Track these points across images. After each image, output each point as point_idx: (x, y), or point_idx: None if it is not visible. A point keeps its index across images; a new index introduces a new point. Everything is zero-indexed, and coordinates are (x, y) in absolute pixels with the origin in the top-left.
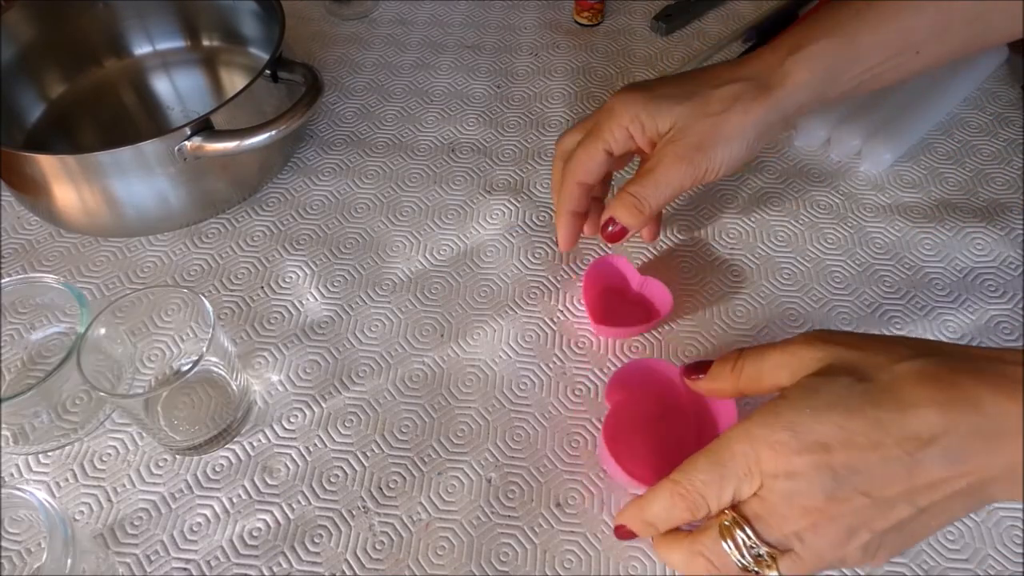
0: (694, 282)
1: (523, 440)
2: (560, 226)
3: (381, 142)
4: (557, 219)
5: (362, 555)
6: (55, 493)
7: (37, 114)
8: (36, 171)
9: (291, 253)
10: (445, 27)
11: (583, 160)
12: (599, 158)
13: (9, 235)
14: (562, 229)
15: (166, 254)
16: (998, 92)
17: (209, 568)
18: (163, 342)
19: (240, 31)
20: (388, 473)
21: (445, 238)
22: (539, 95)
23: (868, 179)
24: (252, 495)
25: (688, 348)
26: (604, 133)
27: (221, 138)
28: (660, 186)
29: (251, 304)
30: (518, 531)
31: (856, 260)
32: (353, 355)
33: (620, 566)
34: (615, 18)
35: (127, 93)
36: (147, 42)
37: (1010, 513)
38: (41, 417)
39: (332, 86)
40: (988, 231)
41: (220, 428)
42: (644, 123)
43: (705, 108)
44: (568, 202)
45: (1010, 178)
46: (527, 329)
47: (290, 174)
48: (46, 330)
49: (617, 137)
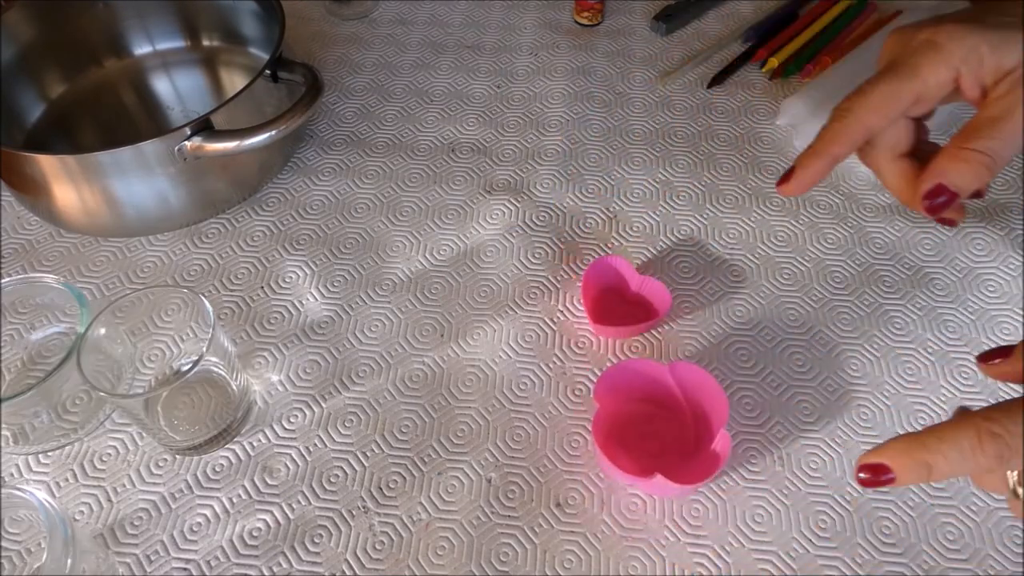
0: (694, 282)
1: (523, 440)
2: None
3: (381, 142)
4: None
5: (362, 555)
6: (55, 493)
7: (37, 114)
8: (36, 171)
9: (291, 253)
10: (445, 27)
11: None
12: (906, 100)
13: (9, 235)
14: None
15: (166, 254)
16: None
17: (209, 568)
18: (163, 342)
19: (240, 31)
20: (388, 473)
21: (445, 238)
22: (539, 95)
23: (868, 179)
24: (252, 495)
25: (687, 348)
26: (922, 69)
27: (221, 138)
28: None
29: (251, 304)
30: (518, 531)
31: (856, 260)
32: (353, 355)
33: (620, 566)
34: (615, 18)
35: (127, 93)
36: (147, 42)
37: (1010, 513)
38: (41, 417)
39: (332, 86)
40: (988, 231)
41: (220, 428)
42: (984, 58)
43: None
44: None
45: (1010, 178)
46: (527, 329)
47: (290, 174)
48: (46, 330)
49: (942, 78)
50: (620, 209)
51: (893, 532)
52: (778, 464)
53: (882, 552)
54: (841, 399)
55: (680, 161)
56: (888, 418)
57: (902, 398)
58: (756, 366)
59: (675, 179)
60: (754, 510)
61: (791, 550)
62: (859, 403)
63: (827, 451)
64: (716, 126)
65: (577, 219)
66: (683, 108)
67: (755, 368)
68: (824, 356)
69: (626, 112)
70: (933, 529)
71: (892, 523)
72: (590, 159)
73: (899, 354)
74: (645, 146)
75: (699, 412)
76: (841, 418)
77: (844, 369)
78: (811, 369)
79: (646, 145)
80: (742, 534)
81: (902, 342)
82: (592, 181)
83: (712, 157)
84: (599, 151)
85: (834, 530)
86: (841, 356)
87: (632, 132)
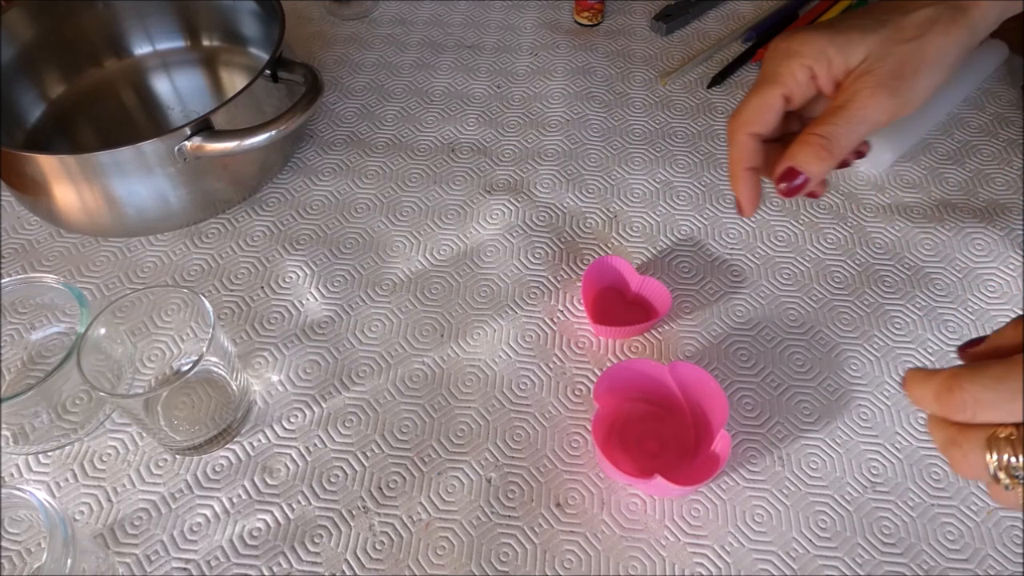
0: (694, 282)
1: (523, 440)
2: (737, 188)
3: (381, 142)
4: (732, 180)
5: (362, 555)
6: (55, 493)
7: (37, 114)
8: (36, 171)
9: (291, 253)
10: (445, 27)
11: (756, 106)
12: (776, 105)
13: (9, 235)
14: (740, 191)
15: (166, 254)
16: (998, 92)
17: (209, 568)
18: (163, 342)
19: (240, 31)
20: (388, 473)
21: (445, 238)
22: (539, 95)
23: (868, 179)
24: (252, 495)
25: (687, 348)
26: (783, 76)
27: (221, 138)
28: (854, 121)
29: (251, 304)
30: (518, 531)
31: (856, 260)
32: (353, 355)
33: (620, 566)
34: (615, 18)
35: (127, 93)
36: (147, 42)
37: (1010, 513)
38: (41, 417)
39: (332, 86)
40: (988, 231)
41: (220, 428)
42: (832, 58)
43: (900, 34)
44: (743, 157)
45: (1010, 178)
46: (527, 329)
47: (290, 174)
48: (46, 330)
49: (800, 79)
50: (620, 209)
51: (893, 532)
52: (778, 464)
53: (882, 552)
54: (841, 399)
55: (680, 161)
56: (888, 418)
57: (902, 398)
58: (756, 366)
59: (675, 179)
60: (754, 510)
61: (791, 550)
62: (859, 403)
63: (827, 451)
64: (716, 126)
65: (577, 219)
66: (683, 108)
67: (755, 368)
68: (824, 356)
69: (626, 112)
70: (933, 529)
71: (892, 523)
72: (590, 159)
73: (899, 354)
74: (645, 146)
75: (699, 412)
76: (841, 418)
77: (844, 369)
78: (811, 369)
79: (646, 145)
80: (742, 534)
81: (902, 342)
82: (592, 181)
83: (712, 157)
84: (599, 151)
85: (834, 530)
86: (841, 356)
87: (632, 132)
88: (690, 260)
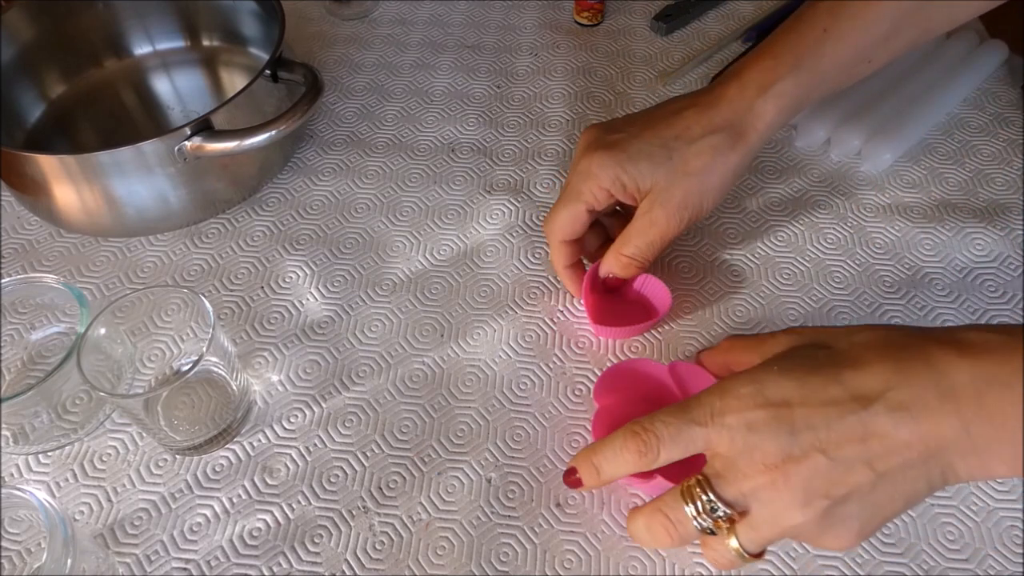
0: (694, 282)
1: (523, 440)
2: (564, 280)
3: (381, 142)
4: (562, 277)
5: (362, 555)
6: (55, 493)
7: (37, 114)
8: (36, 171)
9: (291, 253)
10: (445, 27)
11: (567, 222)
12: (583, 218)
13: (9, 235)
14: (566, 283)
15: (166, 254)
16: (998, 92)
17: (209, 568)
18: (163, 342)
19: (240, 31)
20: (388, 473)
21: (445, 238)
22: (539, 95)
23: (868, 179)
24: (252, 495)
25: (688, 348)
26: (584, 193)
27: (221, 138)
28: (653, 243)
29: (251, 304)
30: (518, 531)
31: (856, 260)
32: (353, 355)
33: (620, 566)
34: (615, 18)
35: (127, 93)
36: (147, 42)
37: (1010, 513)
38: (41, 417)
39: (332, 86)
40: (988, 231)
41: (220, 428)
42: (625, 183)
43: (685, 167)
44: (560, 260)
45: (1010, 178)
46: (527, 329)
47: (290, 174)
48: (46, 330)
49: (599, 198)
50: None
51: (893, 532)
52: None
53: (882, 552)
54: None
55: None
56: None
57: None
58: None
59: None
60: None
61: (791, 550)
62: None
63: None
64: None
65: None
66: None
67: None
68: None
69: (626, 112)
70: (933, 529)
71: (892, 523)
72: None
73: None
74: None
75: None
76: None
77: None
78: None
79: None
80: None
81: None
82: None
83: None
84: None
85: None
86: None
87: None
88: (690, 260)
